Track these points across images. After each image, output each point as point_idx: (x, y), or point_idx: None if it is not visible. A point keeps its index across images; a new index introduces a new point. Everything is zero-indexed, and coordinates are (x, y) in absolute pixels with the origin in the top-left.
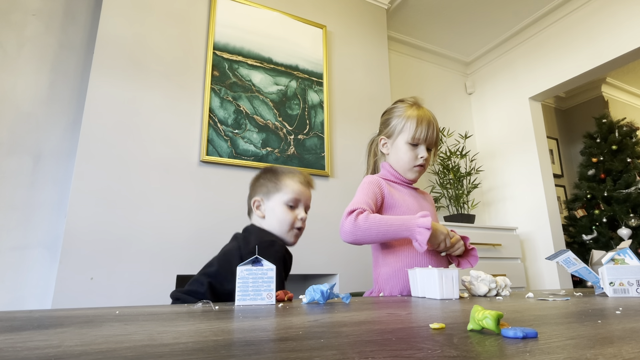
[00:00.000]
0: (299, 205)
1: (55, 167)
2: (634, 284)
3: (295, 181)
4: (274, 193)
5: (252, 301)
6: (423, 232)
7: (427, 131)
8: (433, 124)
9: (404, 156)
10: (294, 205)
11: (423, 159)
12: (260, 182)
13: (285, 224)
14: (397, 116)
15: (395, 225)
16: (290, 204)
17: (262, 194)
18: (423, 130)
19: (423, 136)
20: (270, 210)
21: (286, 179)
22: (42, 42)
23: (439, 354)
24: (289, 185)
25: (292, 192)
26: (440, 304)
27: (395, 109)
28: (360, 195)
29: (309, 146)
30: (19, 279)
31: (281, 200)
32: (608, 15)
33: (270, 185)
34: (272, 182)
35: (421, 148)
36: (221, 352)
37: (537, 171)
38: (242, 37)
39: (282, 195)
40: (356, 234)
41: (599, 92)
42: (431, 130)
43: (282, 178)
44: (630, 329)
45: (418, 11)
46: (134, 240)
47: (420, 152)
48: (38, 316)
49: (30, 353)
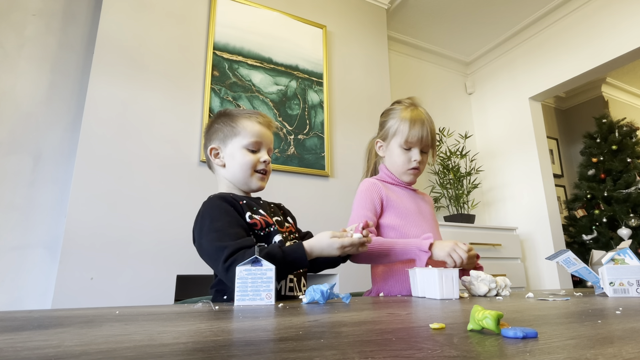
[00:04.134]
0: (261, 148)
1: (55, 167)
2: (634, 284)
3: (253, 122)
4: (232, 137)
5: (251, 301)
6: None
7: (419, 134)
8: (427, 126)
9: (397, 159)
10: (255, 149)
11: (416, 162)
12: (215, 128)
13: (247, 168)
14: (391, 118)
15: (396, 250)
16: (251, 148)
17: (218, 140)
18: (415, 133)
19: (415, 139)
20: (230, 156)
21: (244, 121)
22: (42, 42)
23: (439, 354)
24: (247, 127)
25: (251, 135)
26: (440, 304)
27: (391, 111)
28: (359, 209)
29: (309, 146)
30: (19, 279)
31: (240, 144)
32: (608, 15)
33: (226, 130)
34: (228, 126)
35: (414, 151)
36: (221, 352)
37: (537, 171)
38: (242, 37)
39: (241, 139)
40: (359, 259)
41: (599, 92)
42: (425, 133)
43: (238, 120)
44: (630, 329)
45: (418, 11)
46: (134, 240)
47: (414, 156)
48: (38, 316)
49: (30, 353)
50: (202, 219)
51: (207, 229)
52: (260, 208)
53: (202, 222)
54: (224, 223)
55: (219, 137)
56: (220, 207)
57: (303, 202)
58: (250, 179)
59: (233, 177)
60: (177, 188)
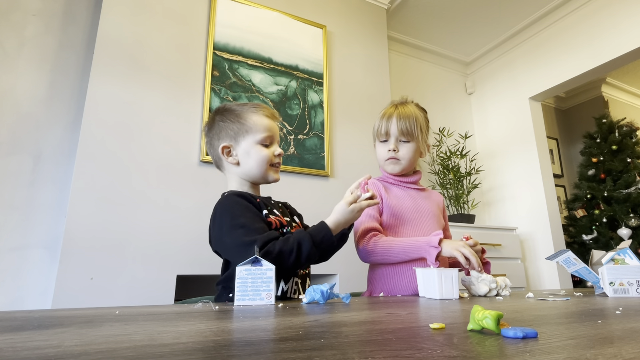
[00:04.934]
0: (273, 141)
1: (55, 167)
2: (634, 284)
3: (261, 116)
4: (244, 134)
5: (251, 301)
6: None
7: (386, 124)
8: (396, 116)
9: (378, 154)
10: (268, 143)
11: (392, 152)
12: (221, 126)
13: (264, 163)
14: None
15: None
16: (265, 143)
17: (229, 138)
18: (383, 125)
19: (384, 130)
20: (244, 153)
21: (252, 116)
22: (42, 42)
23: (439, 354)
24: (257, 122)
25: (263, 130)
26: (440, 304)
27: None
28: None
29: (309, 146)
30: (19, 279)
31: (253, 140)
32: (608, 15)
33: (236, 127)
34: (237, 123)
35: (390, 142)
36: (221, 352)
37: (537, 171)
38: (242, 37)
39: (254, 135)
40: (370, 258)
41: (599, 92)
42: (392, 123)
43: (246, 116)
44: (630, 329)
45: (418, 11)
46: (134, 240)
47: (389, 145)
48: (38, 316)
49: (30, 353)
50: (222, 217)
51: (230, 225)
52: (274, 208)
53: (222, 220)
54: (247, 219)
55: (229, 134)
56: (239, 204)
57: (303, 202)
58: (267, 173)
59: (249, 173)
60: (177, 188)
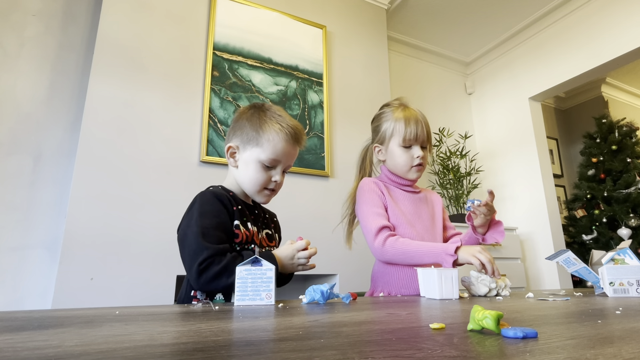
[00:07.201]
0: (277, 166)
1: (55, 167)
2: (634, 284)
3: (281, 137)
4: (252, 145)
5: (251, 301)
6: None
7: (416, 130)
8: (421, 122)
9: (399, 159)
10: (272, 166)
11: (420, 158)
12: (242, 124)
13: (256, 185)
14: (385, 121)
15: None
16: (267, 165)
17: (238, 140)
18: (412, 130)
19: (414, 136)
20: (244, 163)
21: (271, 132)
22: (42, 42)
23: (439, 354)
24: (271, 141)
25: (272, 152)
26: (440, 304)
27: (382, 115)
28: (370, 207)
29: (309, 146)
30: (19, 279)
31: (257, 157)
32: (608, 15)
33: (250, 134)
34: (253, 130)
35: (415, 148)
36: (221, 352)
37: (537, 171)
38: (242, 37)
39: (260, 152)
40: (385, 257)
41: (598, 92)
42: (420, 128)
43: (267, 128)
44: (630, 329)
45: (418, 11)
46: (134, 240)
47: (416, 152)
48: (38, 316)
49: (30, 353)
50: (192, 210)
51: (194, 222)
52: (252, 220)
53: (191, 213)
54: (211, 222)
55: (241, 137)
56: (212, 205)
57: (303, 202)
58: (256, 194)
59: (241, 184)
60: (177, 188)
